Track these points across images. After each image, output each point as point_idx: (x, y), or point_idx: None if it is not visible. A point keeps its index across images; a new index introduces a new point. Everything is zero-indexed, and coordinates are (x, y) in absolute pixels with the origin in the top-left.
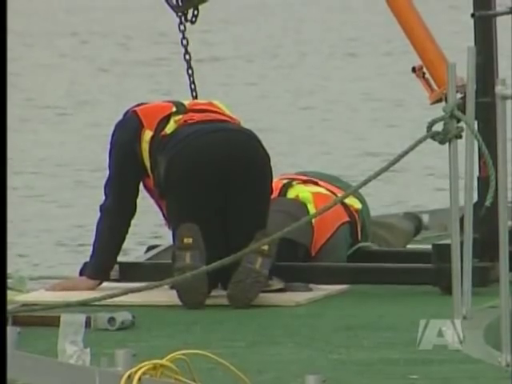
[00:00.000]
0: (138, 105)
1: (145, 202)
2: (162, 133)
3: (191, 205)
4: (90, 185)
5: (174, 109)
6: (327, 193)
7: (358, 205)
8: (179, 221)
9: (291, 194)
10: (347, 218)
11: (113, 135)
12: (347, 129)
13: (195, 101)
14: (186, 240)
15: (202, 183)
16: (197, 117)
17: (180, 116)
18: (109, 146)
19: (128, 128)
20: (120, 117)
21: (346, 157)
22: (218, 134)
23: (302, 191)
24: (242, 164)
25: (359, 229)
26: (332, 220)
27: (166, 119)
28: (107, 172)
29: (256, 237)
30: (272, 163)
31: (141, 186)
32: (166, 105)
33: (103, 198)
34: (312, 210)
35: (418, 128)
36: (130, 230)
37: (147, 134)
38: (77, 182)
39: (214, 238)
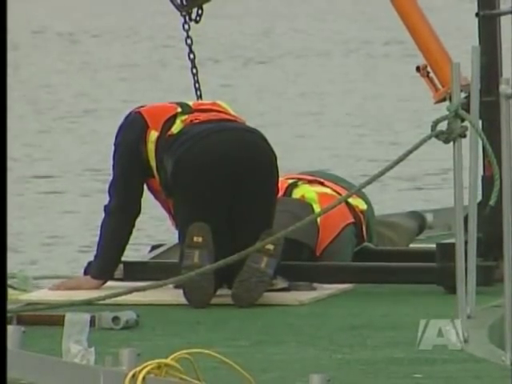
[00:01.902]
0: (141, 107)
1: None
2: (169, 133)
3: (199, 204)
4: (96, 188)
5: (179, 109)
6: (332, 193)
7: (363, 205)
8: (188, 220)
9: (297, 194)
10: (352, 219)
11: (117, 136)
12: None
13: (200, 101)
14: (195, 238)
15: (209, 182)
16: (203, 116)
17: (186, 116)
18: (113, 148)
19: (133, 129)
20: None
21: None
22: (225, 133)
23: (307, 191)
24: (249, 163)
25: (364, 230)
26: (337, 221)
27: (172, 119)
28: (111, 173)
29: (261, 237)
30: (278, 163)
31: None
32: (170, 105)
33: (108, 198)
34: (317, 210)
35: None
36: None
37: (153, 135)
38: (82, 185)
39: (221, 237)
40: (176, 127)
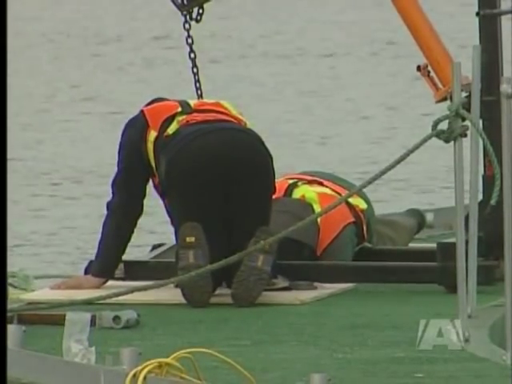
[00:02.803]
0: (151, 102)
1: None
2: (165, 133)
3: (191, 204)
4: (98, 189)
5: (180, 109)
6: (332, 193)
7: (363, 205)
8: (180, 220)
9: (297, 194)
10: (352, 219)
11: (122, 135)
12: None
13: (202, 100)
14: (188, 239)
15: (201, 182)
16: (200, 117)
17: (184, 116)
18: (118, 146)
19: (135, 128)
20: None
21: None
22: (217, 134)
23: (307, 191)
24: (241, 163)
25: (365, 229)
26: (337, 220)
27: (170, 119)
28: (116, 169)
29: (256, 234)
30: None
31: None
32: (172, 104)
33: (110, 194)
34: (318, 210)
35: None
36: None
37: (152, 135)
38: (84, 186)
39: (215, 236)
40: (172, 128)
